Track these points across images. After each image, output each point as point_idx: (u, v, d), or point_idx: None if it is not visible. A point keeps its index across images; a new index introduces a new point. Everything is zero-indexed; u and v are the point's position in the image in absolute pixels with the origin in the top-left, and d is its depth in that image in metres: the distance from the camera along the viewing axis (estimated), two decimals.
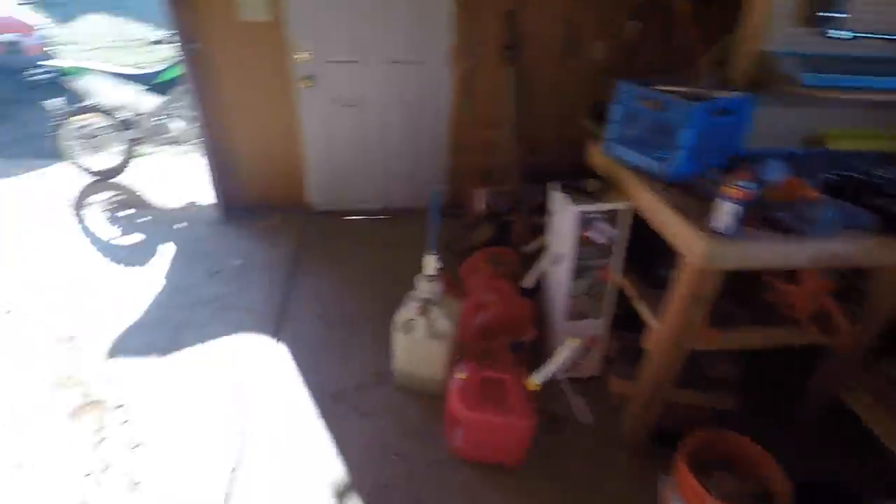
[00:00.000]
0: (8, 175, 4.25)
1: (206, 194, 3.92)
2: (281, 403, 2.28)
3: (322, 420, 2.22)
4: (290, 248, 3.39)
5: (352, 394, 2.35)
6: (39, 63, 6.11)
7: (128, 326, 2.67)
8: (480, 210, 3.44)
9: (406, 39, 3.25)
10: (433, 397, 2.31)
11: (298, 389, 2.35)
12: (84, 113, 3.95)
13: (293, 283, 3.06)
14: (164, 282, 3.01)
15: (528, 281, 2.56)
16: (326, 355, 2.55)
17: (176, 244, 3.38)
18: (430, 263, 2.18)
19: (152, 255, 3.26)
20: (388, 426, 2.21)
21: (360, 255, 3.35)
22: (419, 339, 2.23)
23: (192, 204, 3.89)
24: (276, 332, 2.67)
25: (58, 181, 4.13)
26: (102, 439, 2.06)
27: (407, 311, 2.27)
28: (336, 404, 2.29)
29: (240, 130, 3.47)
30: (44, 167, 4.38)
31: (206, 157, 3.47)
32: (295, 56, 3.21)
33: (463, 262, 2.94)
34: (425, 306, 2.22)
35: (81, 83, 3.90)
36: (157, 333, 2.63)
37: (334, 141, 3.56)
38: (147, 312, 2.77)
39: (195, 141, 4.18)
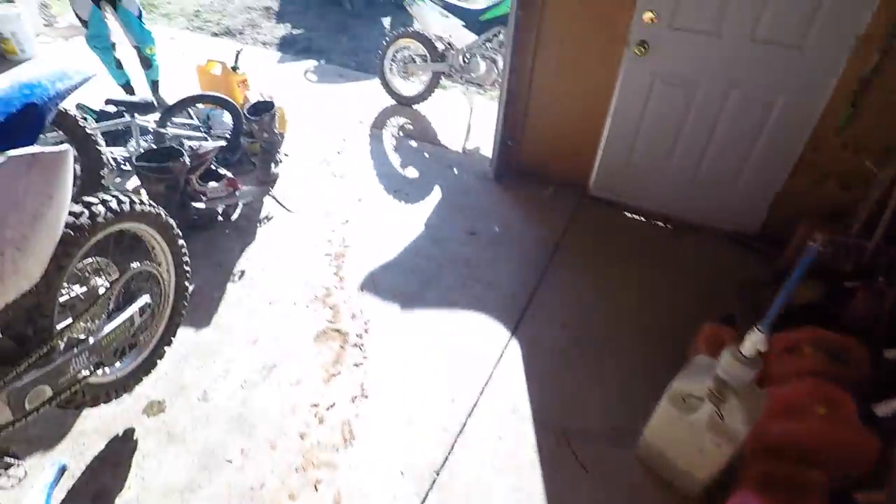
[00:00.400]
0: (332, 81, 4.77)
1: (486, 144, 3.80)
2: (499, 412, 2.01)
3: (536, 453, 1.88)
4: (553, 231, 3.03)
5: (578, 438, 1.94)
6: None
7: (383, 263, 2.69)
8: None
9: (790, 11, 2.40)
10: (682, 496, 1.77)
11: (521, 405, 2.05)
12: (407, 37, 4.11)
13: (546, 273, 2.72)
14: (423, 228, 2.97)
15: (887, 408, 1.73)
16: (561, 378, 2.18)
17: (444, 190, 3.32)
18: (755, 341, 1.55)
19: (422, 194, 3.26)
20: (612, 502, 1.77)
21: (630, 265, 2.81)
22: (695, 425, 1.67)
23: (472, 150, 3.80)
24: (515, 326, 2.39)
25: (367, 96, 4.47)
26: (335, 374, 2.09)
27: (690, 382, 1.71)
28: (556, 444, 1.92)
29: (544, 86, 3.14)
30: (361, 80, 4.81)
31: (501, 106, 3.25)
32: (641, 15, 2.65)
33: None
34: (720, 390, 1.63)
35: (415, 8, 4.01)
36: (405, 280, 2.59)
37: (643, 122, 2.97)
38: (403, 254, 2.76)
39: (495, 86, 4.04)
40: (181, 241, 1.94)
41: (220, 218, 2.83)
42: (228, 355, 2.13)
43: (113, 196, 1.59)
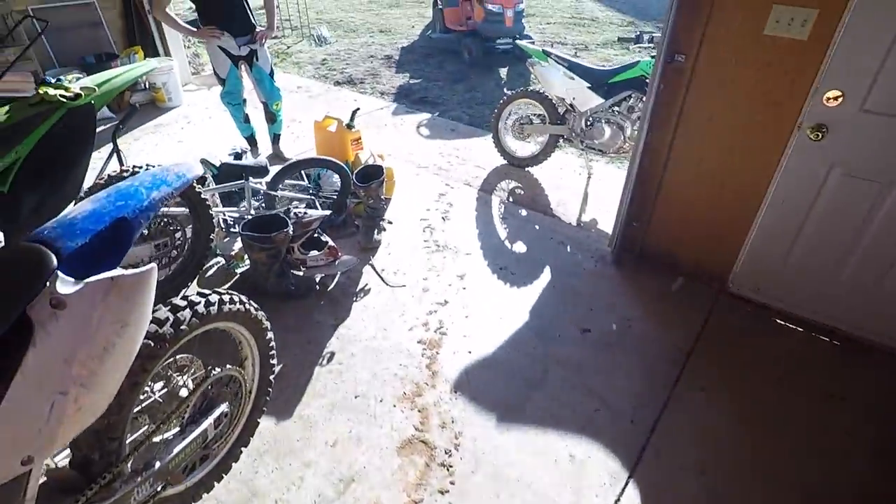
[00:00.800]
0: (443, 136, 4.67)
1: (604, 218, 3.42)
2: None
3: None
4: (683, 335, 2.56)
5: None
6: (510, 37, 6.68)
7: (481, 358, 2.40)
8: None
9: None
10: None
11: None
12: (525, 97, 3.90)
13: (675, 393, 2.26)
14: (529, 317, 2.64)
15: None
16: None
17: (554, 271, 2.98)
18: None
19: (530, 274, 2.94)
20: None
21: (786, 391, 2.26)
22: None
23: (588, 224, 3.44)
24: (634, 465, 1.96)
25: (478, 154, 4.30)
26: (417, 502, 1.81)
27: None
28: None
29: (684, 166, 2.72)
30: (473, 136, 4.66)
31: (629, 184, 2.88)
32: (821, 93, 2.19)
33: None
34: None
35: (537, 69, 3.80)
36: (505, 384, 2.27)
37: (811, 216, 2.45)
38: (504, 349, 2.46)
39: (619, 154, 3.68)
40: (269, 335, 1.80)
41: (317, 287, 2.73)
42: (306, 458, 1.94)
43: (202, 297, 1.48)
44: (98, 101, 1.97)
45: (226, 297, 1.54)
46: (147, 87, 5.00)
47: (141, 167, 2.13)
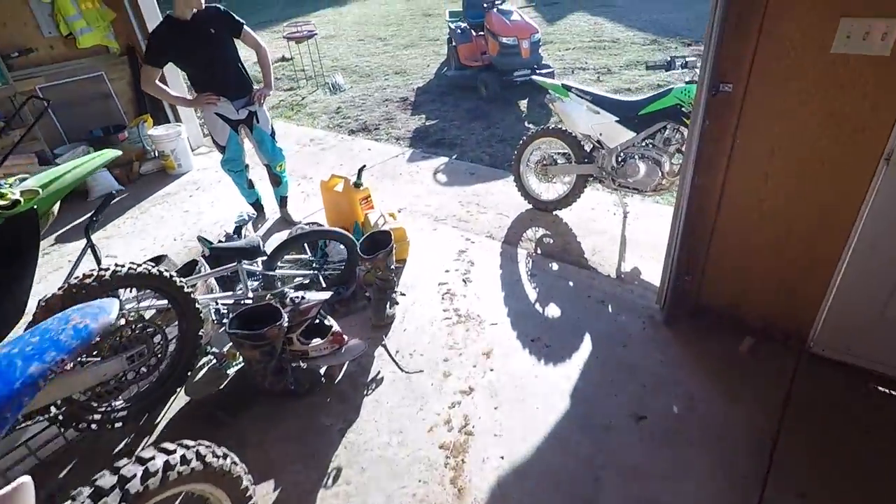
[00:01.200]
0: (462, 181, 4.33)
1: (649, 269, 2.99)
2: None
3: None
4: (763, 414, 2.09)
5: None
6: (528, 68, 6.37)
7: (517, 464, 1.98)
8: None
9: None
10: None
11: None
12: (547, 135, 3.55)
13: (766, 497, 1.79)
14: (570, 404, 2.22)
15: None
16: None
17: (595, 339, 2.55)
18: None
19: (567, 346, 2.52)
20: None
21: None
22: None
23: (629, 275, 3.00)
24: None
25: (500, 199, 3.95)
26: None
27: None
28: None
29: (740, 209, 2.29)
30: (493, 179, 4.32)
31: (675, 226, 2.45)
32: None
33: None
34: None
35: (558, 105, 3.45)
36: (550, 499, 1.84)
37: None
38: (543, 450, 2.03)
39: (657, 192, 3.25)
40: (246, 483, 1.45)
41: (322, 380, 2.39)
42: None
43: (140, 464, 1.14)
44: (43, 204, 1.73)
45: (174, 458, 1.21)
46: (156, 155, 4.91)
47: (108, 269, 1.86)
